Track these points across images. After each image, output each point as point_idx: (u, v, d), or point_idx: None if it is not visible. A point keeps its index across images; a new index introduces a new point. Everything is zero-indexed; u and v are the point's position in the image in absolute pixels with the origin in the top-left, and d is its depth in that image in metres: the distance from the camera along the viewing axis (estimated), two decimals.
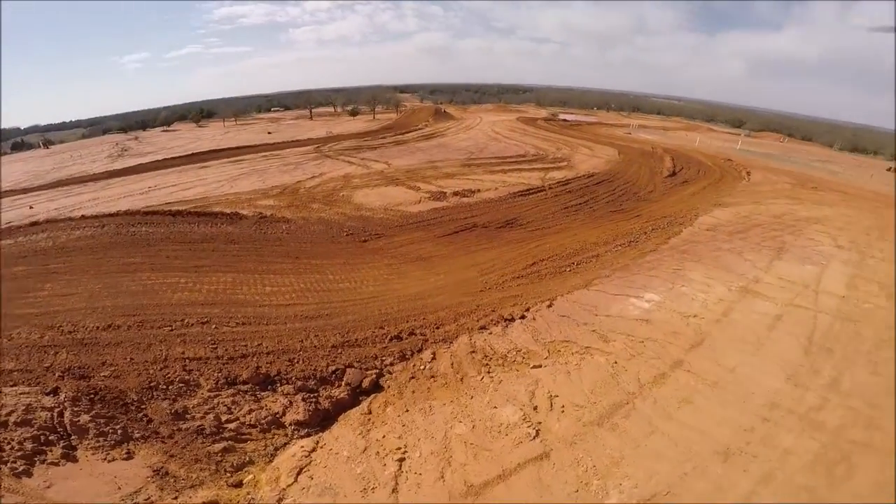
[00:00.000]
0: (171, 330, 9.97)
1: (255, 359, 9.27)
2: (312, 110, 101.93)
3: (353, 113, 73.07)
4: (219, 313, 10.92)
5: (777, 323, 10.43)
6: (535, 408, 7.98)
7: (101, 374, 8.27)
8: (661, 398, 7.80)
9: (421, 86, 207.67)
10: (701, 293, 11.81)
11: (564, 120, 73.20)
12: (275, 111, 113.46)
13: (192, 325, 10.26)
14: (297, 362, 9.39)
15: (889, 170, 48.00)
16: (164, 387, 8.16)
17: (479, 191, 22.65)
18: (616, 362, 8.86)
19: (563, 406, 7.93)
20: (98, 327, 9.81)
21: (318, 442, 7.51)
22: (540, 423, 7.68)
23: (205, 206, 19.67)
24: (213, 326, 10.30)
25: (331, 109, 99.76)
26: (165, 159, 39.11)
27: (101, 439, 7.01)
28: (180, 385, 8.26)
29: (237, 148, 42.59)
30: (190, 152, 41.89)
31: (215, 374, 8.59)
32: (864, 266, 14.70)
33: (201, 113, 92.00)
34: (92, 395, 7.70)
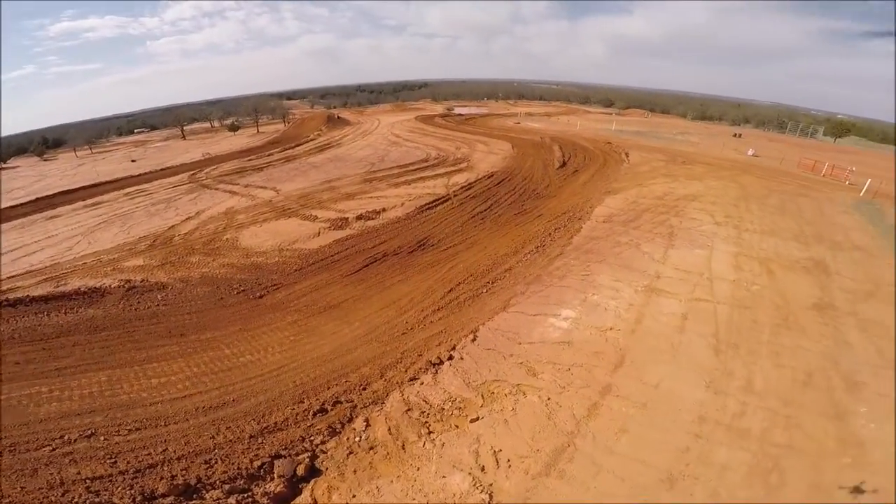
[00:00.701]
0: (53, 450, 8.27)
1: (165, 467, 7.96)
2: (186, 128, 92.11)
3: (233, 128, 66.92)
4: (103, 422, 9.12)
5: (685, 323, 11.17)
6: (483, 468, 7.59)
7: None
8: (599, 432, 7.82)
9: (311, 90, 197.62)
10: (612, 300, 12.33)
11: (459, 115, 74.61)
12: (139, 133, 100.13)
13: (76, 440, 8.57)
14: (216, 463, 8.16)
15: (735, 136, 56.53)
16: None
17: (384, 210, 21.67)
18: (549, 399, 8.76)
19: (508, 461, 7.63)
20: None
21: None
22: (491, 484, 7.31)
23: (57, 277, 16.19)
24: (102, 438, 8.65)
25: (207, 125, 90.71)
26: (2, 209, 32.27)
27: None
28: None
29: (94, 186, 36.48)
30: (34, 196, 35.00)
31: (128, 492, 7.34)
32: (742, 242, 16.66)
33: (45, 143, 77.22)
34: None
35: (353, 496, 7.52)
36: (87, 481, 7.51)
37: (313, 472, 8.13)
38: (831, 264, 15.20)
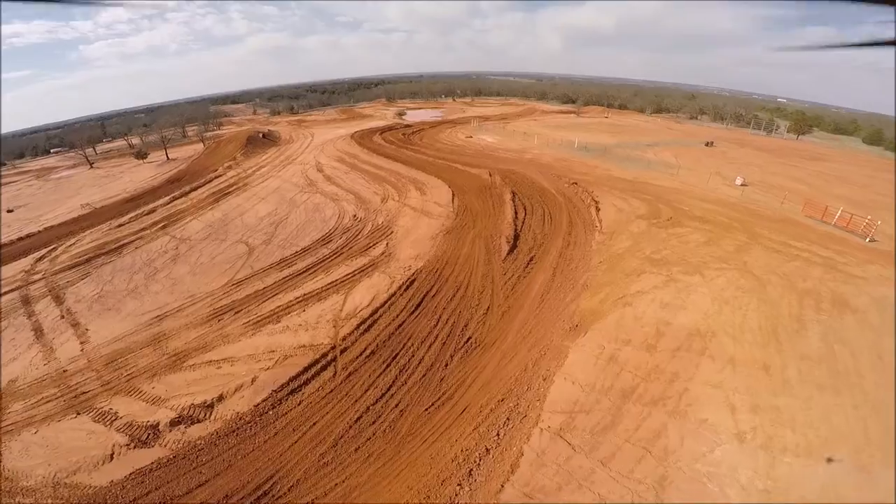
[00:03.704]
0: None
1: None
2: (106, 147, 78.69)
3: (141, 155, 54.65)
4: None
5: None
6: None
7: None
8: None
9: (262, 91, 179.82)
10: None
11: (408, 126, 64.20)
12: (55, 153, 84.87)
13: None
14: None
15: (707, 144, 49.06)
16: None
17: (222, 398, 12.41)
18: None
19: None
20: None
21: None
22: None
23: None
24: None
25: (130, 142, 76.51)
26: None
27: None
28: None
29: None
30: None
31: None
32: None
33: None
34: None
35: None
36: None
37: None
38: None
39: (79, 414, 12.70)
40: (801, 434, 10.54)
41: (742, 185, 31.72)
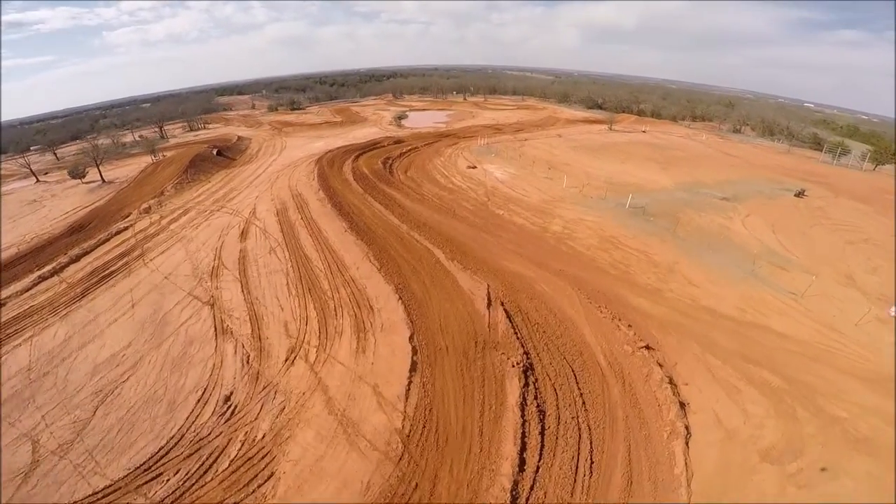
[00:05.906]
0: None
1: None
2: (78, 148, 66.16)
3: (77, 174, 41.64)
4: None
5: None
6: None
7: None
8: None
9: (272, 80, 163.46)
10: None
11: (398, 142, 49.51)
12: (33, 151, 72.66)
13: None
14: None
15: (797, 195, 33.54)
16: None
17: None
18: None
19: None
20: None
21: None
22: None
23: None
24: None
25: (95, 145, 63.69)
26: None
27: None
28: None
29: None
30: None
31: None
32: None
33: None
34: None
35: None
36: None
37: None
38: None
39: None
40: None
41: None
